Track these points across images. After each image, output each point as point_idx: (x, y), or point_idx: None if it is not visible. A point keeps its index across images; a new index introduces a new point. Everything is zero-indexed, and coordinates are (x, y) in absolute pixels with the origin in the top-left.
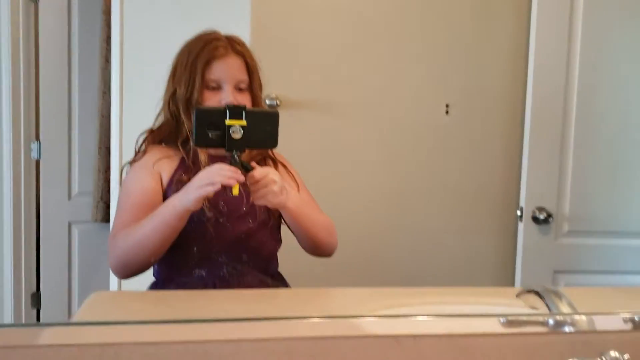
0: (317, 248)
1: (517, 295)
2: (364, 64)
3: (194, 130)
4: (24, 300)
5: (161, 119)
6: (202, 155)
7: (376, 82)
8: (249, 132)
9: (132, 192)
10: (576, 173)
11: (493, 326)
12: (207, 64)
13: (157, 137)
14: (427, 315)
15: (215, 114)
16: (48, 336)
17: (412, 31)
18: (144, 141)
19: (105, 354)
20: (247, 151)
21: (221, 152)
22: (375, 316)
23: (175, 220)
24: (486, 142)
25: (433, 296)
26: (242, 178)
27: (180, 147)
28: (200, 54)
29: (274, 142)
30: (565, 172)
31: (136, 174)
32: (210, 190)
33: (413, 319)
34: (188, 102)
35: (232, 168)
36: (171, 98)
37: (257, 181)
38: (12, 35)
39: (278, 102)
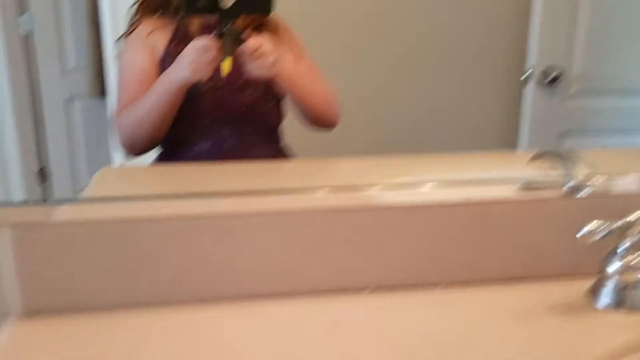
0: (315, 120)
1: (531, 159)
2: None
3: None
4: (32, 177)
5: None
6: (194, 25)
7: None
8: None
9: (127, 70)
10: (591, 27)
11: (509, 192)
12: None
13: (150, 4)
14: (441, 183)
15: None
16: (64, 213)
17: None
18: (137, 11)
19: (123, 230)
20: (242, 16)
21: (214, 20)
22: (387, 185)
23: (171, 96)
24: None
25: (442, 163)
26: (208, 73)
27: (173, 15)
28: None
29: (268, 7)
30: (578, 27)
31: (130, 51)
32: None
33: (426, 187)
34: None
35: (204, 55)
36: None
37: (250, 53)
38: None
39: None
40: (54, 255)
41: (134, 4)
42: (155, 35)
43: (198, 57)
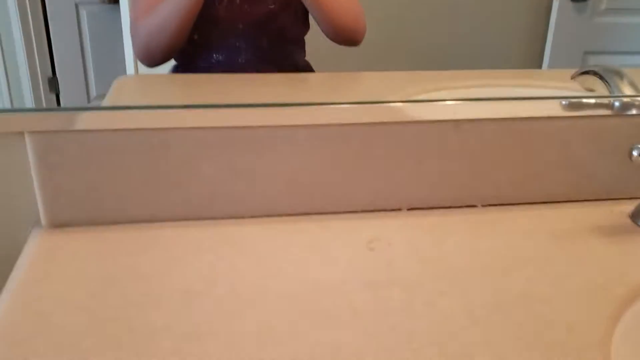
0: (339, 34)
1: (572, 77)
2: None
3: None
4: (42, 85)
5: None
6: None
7: None
8: None
9: None
10: None
11: (555, 109)
12: None
13: None
14: (483, 100)
15: None
16: (89, 120)
17: None
18: None
19: (151, 139)
20: None
21: None
22: (429, 100)
23: (190, 1)
24: None
25: (477, 79)
26: None
27: None
28: None
29: None
30: None
31: None
32: None
33: (468, 102)
34: None
35: None
36: None
37: None
38: None
39: None
40: (78, 165)
41: None
42: None
43: None
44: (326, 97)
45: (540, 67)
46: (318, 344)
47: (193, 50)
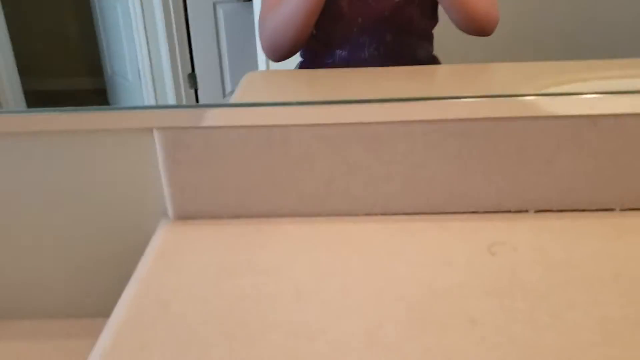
0: (470, 23)
1: None
2: None
3: None
4: (182, 81)
5: None
6: None
7: None
8: None
9: None
10: None
11: None
12: None
13: None
14: (623, 93)
15: None
16: (214, 117)
17: None
18: None
19: (273, 136)
20: None
21: None
22: (563, 94)
23: None
24: None
25: (616, 69)
26: None
27: None
28: None
29: None
30: None
31: None
32: None
33: (606, 95)
34: None
35: None
36: None
37: None
38: None
39: None
40: (203, 161)
41: None
42: None
43: None
44: (451, 91)
45: None
46: (429, 351)
47: (317, 46)
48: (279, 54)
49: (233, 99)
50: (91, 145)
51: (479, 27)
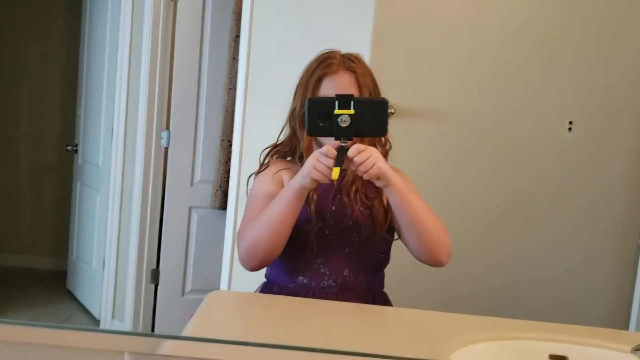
0: (426, 245)
1: (635, 350)
2: (483, 75)
3: (306, 120)
4: (145, 275)
5: (285, 134)
6: None
7: (495, 93)
8: (357, 120)
9: (257, 196)
10: None
11: None
12: (319, 81)
13: (279, 151)
14: None
15: (325, 104)
16: (170, 347)
17: (538, 44)
18: (267, 155)
19: None
20: (357, 140)
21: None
22: None
23: (294, 198)
24: (608, 164)
25: (547, 332)
26: (329, 177)
27: (298, 161)
28: (314, 71)
29: (383, 130)
30: None
31: (260, 182)
32: (309, 182)
33: None
34: (302, 118)
35: (325, 158)
36: (291, 114)
37: (354, 154)
38: (152, 32)
39: (392, 110)
40: None
41: (265, 148)
42: (283, 172)
43: (318, 161)
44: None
45: (627, 322)
46: None
47: (284, 270)
48: (255, 262)
49: (196, 315)
50: None
51: (432, 252)
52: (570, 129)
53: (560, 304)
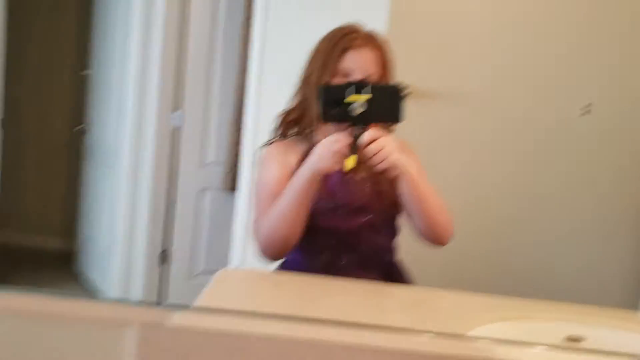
0: (432, 230)
1: None
2: (501, 56)
3: (320, 107)
4: (156, 256)
5: (296, 99)
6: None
7: (513, 76)
8: (373, 106)
9: (267, 182)
10: None
11: None
12: (343, 51)
13: (290, 116)
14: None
15: (339, 90)
16: (182, 318)
17: (557, 28)
18: (279, 122)
19: (234, 343)
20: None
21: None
22: (499, 339)
23: (307, 185)
24: (629, 147)
25: (562, 312)
26: (341, 166)
27: (306, 138)
28: (339, 42)
29: (398, 116)
30: None
31: (269, 167)
32: (321, 169)
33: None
34: (317, 86)
35: (339, 146)
36: (305, 81)
37: (368, 142)
38: (166, 11)
39: (408, 91)
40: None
41: (277, 116)
42: (289, 154)
43: (329, 147)
44: (399, 321)
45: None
46: None
47: (299, 249)
48: (276, 252)
49: (205, 294)
50: (64, 332)
51: (437, 236)
52: (589, 111)
53: (576, 286)
